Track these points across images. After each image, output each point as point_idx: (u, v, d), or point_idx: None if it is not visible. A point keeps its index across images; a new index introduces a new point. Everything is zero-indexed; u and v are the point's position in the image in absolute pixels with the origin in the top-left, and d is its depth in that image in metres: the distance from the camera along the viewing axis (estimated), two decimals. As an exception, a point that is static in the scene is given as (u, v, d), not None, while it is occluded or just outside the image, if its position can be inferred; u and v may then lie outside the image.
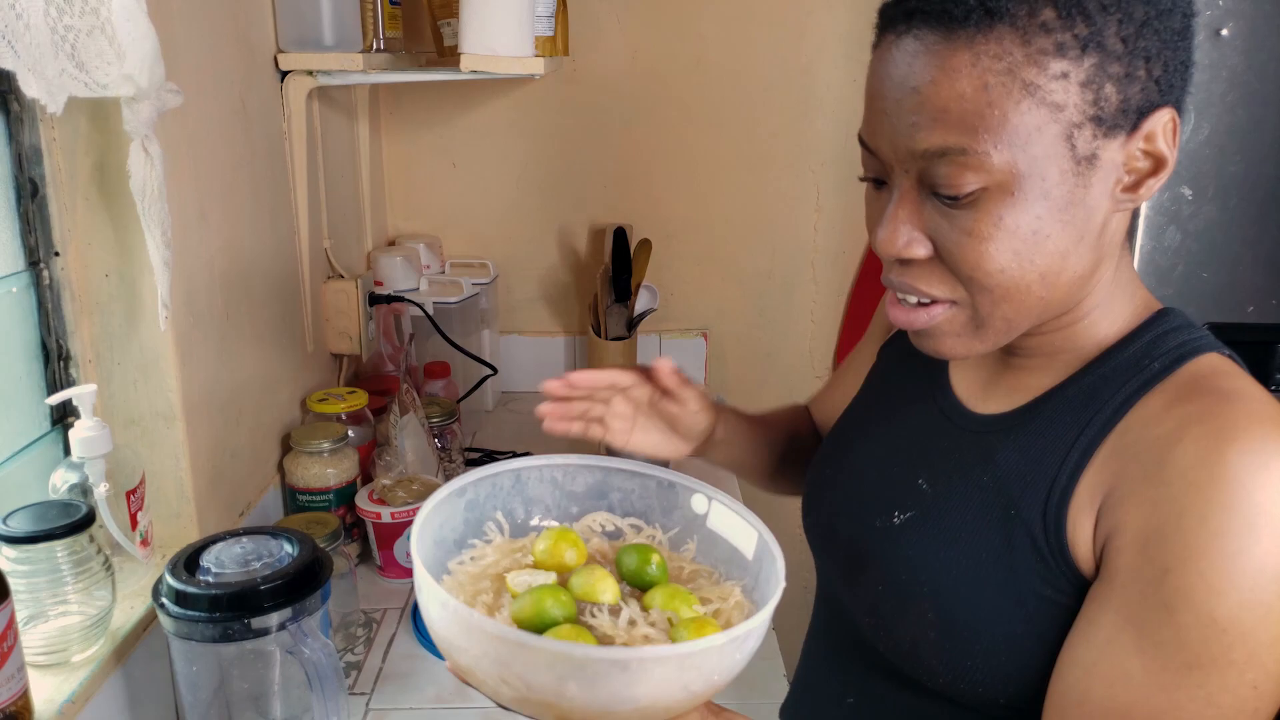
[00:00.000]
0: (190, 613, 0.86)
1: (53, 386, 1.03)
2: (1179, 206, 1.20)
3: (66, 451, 1.02)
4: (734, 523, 0.73)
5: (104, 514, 0.95)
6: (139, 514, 1.02)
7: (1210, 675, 0.58)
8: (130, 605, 1.00)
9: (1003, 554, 0.67)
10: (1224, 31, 1.16)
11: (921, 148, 0.61)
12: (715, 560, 0.75)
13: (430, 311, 1.74)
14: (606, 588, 0.67)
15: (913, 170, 0.63)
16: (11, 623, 0.77)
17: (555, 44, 1.68)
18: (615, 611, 0.65)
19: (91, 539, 0.90)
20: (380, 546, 1.34)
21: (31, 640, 0.87)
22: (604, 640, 0.63)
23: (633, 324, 1.96)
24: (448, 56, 1.66)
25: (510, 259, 2.05)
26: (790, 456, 1.01)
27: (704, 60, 1.90)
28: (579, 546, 0.72)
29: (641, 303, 1.98)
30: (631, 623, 0.64)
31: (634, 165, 1.98)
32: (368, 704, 1.09)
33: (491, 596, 0.67)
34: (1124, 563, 0.61)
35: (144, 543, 1.03)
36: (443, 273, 1.95)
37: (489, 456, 1.74)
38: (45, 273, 1.01)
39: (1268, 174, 1.19)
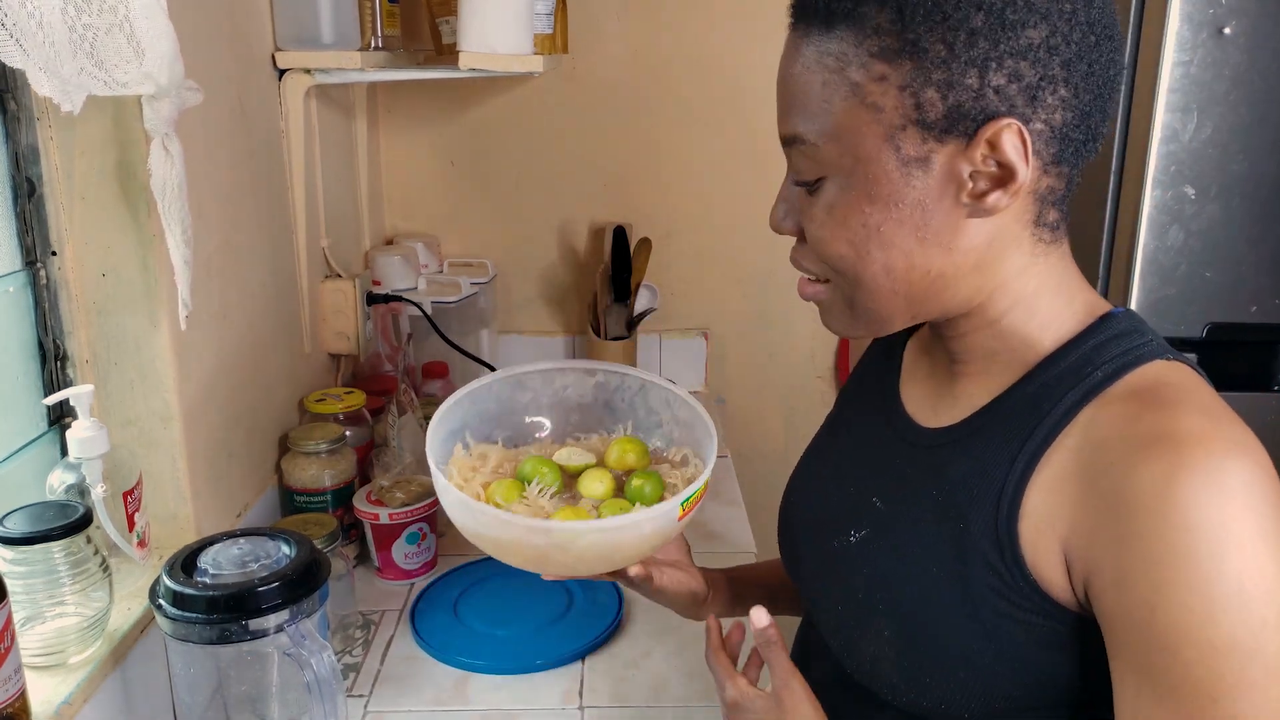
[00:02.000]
0: (187, 614, 0.85)
1: (50, 387, 1.03)
2: (1181, 206, 1.20)
3: (64, 452, 1.02)
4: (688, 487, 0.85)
5: (101, 515, 0.94)
6: (136, 515, 1.01)
7: (1236, 701, 0.57)
8: (127, 606, 0.99)
9: (956, 568, 0.67)
10: (1226, 30, 1.15)
11: (782, 133, 0.68)
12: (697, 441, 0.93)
13: (428, 311, 1.73)
14: (595, 483, 0.89)
15: (787, 152, 0.69)
16: (8, 624, 0.76)
17: (554, 42, 1.68)
18: (571, 498, 0.89)
19: (89, 540, 0.90)
20: (378, 547, 1.34)
21: (29, 641, 0.87)
22: (523, 499, 0.88)
23: (632, 324, 1.95)
24: (446, 54, 1.66)
25: (509, 258, 2.04)
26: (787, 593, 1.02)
27: (704, 58, 1.90)
28: (634, 454, 0.92)
29: (641, 302, 1.97)
30: (538, 495, 0.88)
31: (634, 164, 1.98)
32: (366, 706, 1.09)
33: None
34: (1111, 608, 0.60)
35: (141, 544, 1.03)
36: (441, 272, 1.94)
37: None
38: (42, 272, 1.01)
39: (1270, 173, 1.19)
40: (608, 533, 0.81)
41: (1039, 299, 0.68)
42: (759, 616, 0.77)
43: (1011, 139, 0.61)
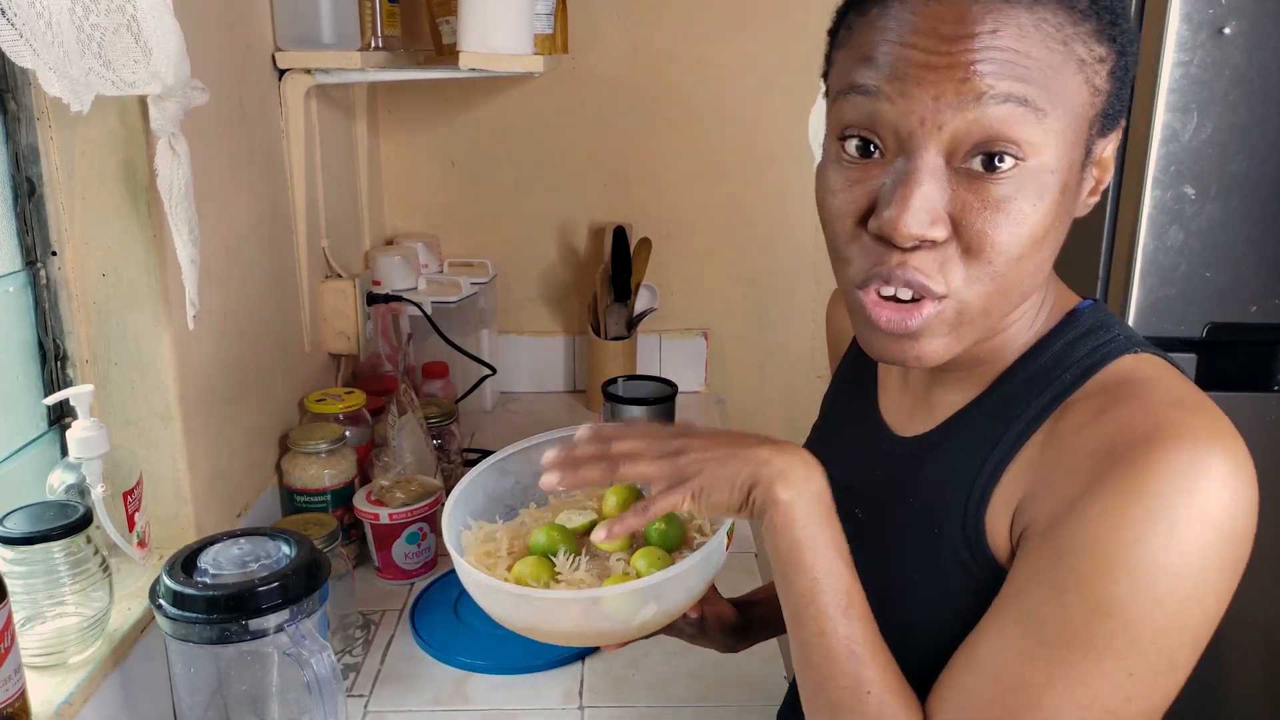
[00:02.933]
0: (188, 614, 0.85)
1: (50, 387, 1.03)
2: (1181, 206, 1.20)
3: (64, 452, 1.02)
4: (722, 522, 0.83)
5: (101, 515, 0.94)
6: (136, 515, 1.01)
7: (1087, 656, 0.57)
8: (127, 606, 0.99)
9: (932, 573, 0.67)
10: (1226, 30, 1.15)
11: (983, 88, 0.55)
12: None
13: (428, 311, 1.73)
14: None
15: (950, 127, 0.57)
16: (8, 624, 0.76)
17: (554, 42, 1.68)
18: (602, 559, 0.84)
19: (89, 540, 0.90)
20: (378, 548, 1.34)
21: (29, 641, 0.87)
22: (556, 575, 0.82)
23: (632, 323, 1.95)
24: (446, 54, 1.66)
25: (509, 258, 2.04)
26: None
27: (704, 58, 1.90)
28: (631, 500, 0.86)
29: (641, 302, 1.97)
30: (574, 567, 0.82)
31: (634, 164, 1.98)
32: (366, 706, 1.09)
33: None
34: (1028, 548, 0.61)
35: (141, 544, 1.03)
36: (441, 272, 1.94)
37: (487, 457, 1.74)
38: (42, 272, 1.01)
39: (1270, 173, 1.19)
40: (682, 577, 0.76)
41: (1032, 305, 0.68)
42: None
43: (1114, 146, 0.62)
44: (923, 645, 0.68)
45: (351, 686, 1.12)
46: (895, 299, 0.61)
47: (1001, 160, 0.57)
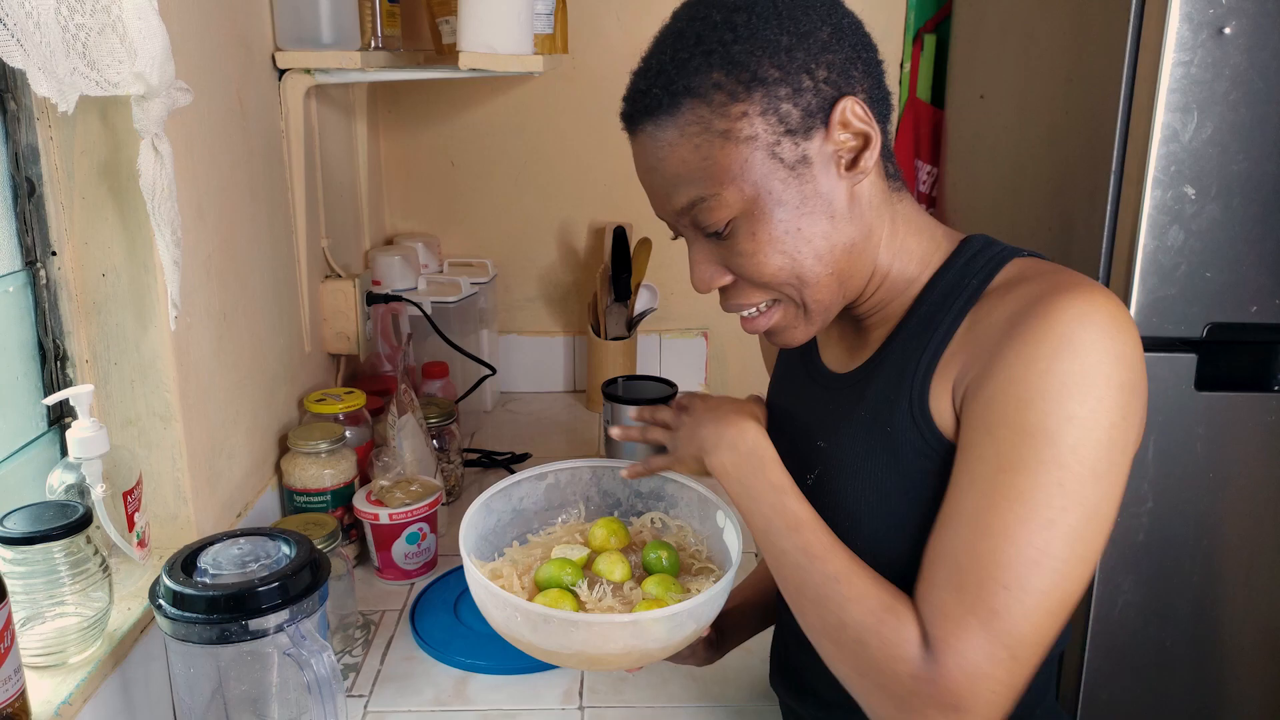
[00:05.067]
0: (187, 614, 0.85)
1: (50, 387, 1.03)
2: (1181, 206, 1.20)
3: (63, 452, 1.02)
4: (733, 541, 0.92)
5: (101, 515, 0.94)
6: (136, 515, 1.01)
7: (1019, 475, 0.67)
8: (127, 607, 0.99)
9: (893, 466, 0.77)
10: (1226, 30, 1.15)
11: (677, 206, 0.77)
12: (722, 558, 0.95)
13: (428, 311, 1.73)
14: (616, 568, 0.91)
15: (686, 224, 0.79)
16: (8, 624, 0.76)
17: (554, 42, 1.68)
18: (616, 588, 0.90)
19: (89, 540, 0.90)
20: (378, 548, 1.34)
21: (28, 642, 0.87)
22: (582, 604, 0.88)
23: (632, 323, 1.95)
24: (446, 54, 1.66)
25: (509, 258, 2.04)
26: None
27: (703, 59, 1.90)
28: (620, 534, 0.96)
29: (641, 302, 1.97)
30: (599, 597, 0.88)
31: (634, 164, 1.98)
32: (366, 706, 1.09)
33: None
34: (965, 416, 0.72)
35: (141, 544, 1.03)
36: (441, 272, 1.94)
37: (487, 457, 1.74)
38: (42, 272, 1.01)
39: (1271, 173, 1.19)
40: (715, 598, 0.85)
41: (909, 242, 0.81)
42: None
43: (856, 110, 0.74)
44: (896, 524, 0.77)
45: (351, 686, 1.12)
46: (748, 316, 0.82)
47: (719, 230, 0.77)
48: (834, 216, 0.76)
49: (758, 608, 1.06)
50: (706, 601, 0.83)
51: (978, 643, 0.67)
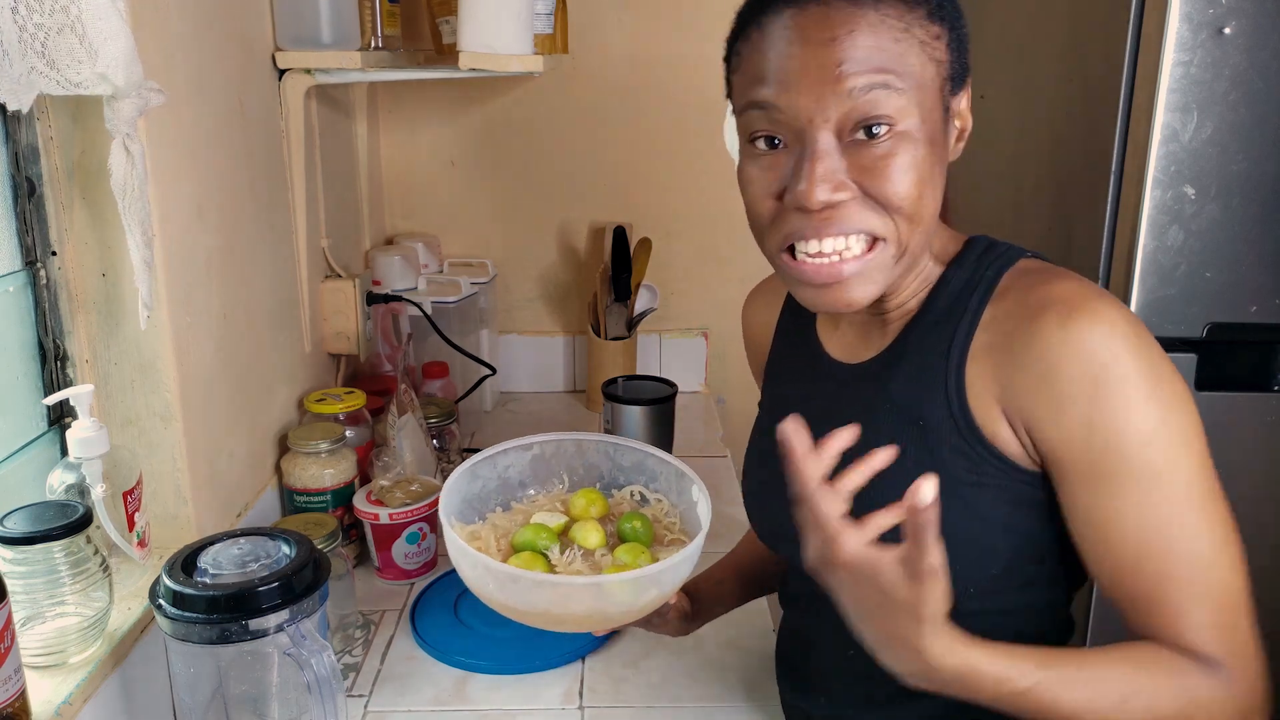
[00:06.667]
0: (187, 614, 0.85)
1: (50, 387, 1.03)
2: (1181, 206, 1.20)
3: (64, 452, 1.02)
4: (705, 513, 0.93)
5: (101, 515, 0.94)
6: (136, 515, 1.01)
7: (1174, 472, 0.70)
8: (127, 606, 0.99)
9: (924, 462, 0.76)
10: (1226, 30, 1.15)
11: (857, 84, 0.70)
12: (693, 529, 0.97)
13: (428, 311, 1.73)
14: (590, 535, 0.94)
15: (836, 116, 0.71)
16: (8, 624, 0.76)
17: (554, 42, 1.68)
18: (588, 554, 0.93)
19: (89, 540, 0.90)
20: (378, 548, 1.34)
21: (29, 641, 0.87)
22: (553, 568, 0.91)
23: (632, 323, 1.95)
24: (446, 54, 1.66)
25: (509, 258, 2.04)
26: (766, 574, 1.11)
27: (704, 58, 1.90)
28: (599, 504, 0.99)
29: (641, 302, 1.97)
30: (569, 560, 0.91)
31: (634, 163, 1.98)
32: (366, 706, 1.09)
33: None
34: (1053, 439, 0.73)
35: (141, 544, 1.03)
36: (441, 272, 1.94)
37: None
38: (42, 272, 1.01)
39: (1270, 173, 1.19)
40: (679, 566, 0.86)
41: (934, 237, 0.82)
42: (927, 490, 0.62)
43: (969, 97, 0.77)
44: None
45: (351, 686, 1.12)
46: (821, 254, 0.75)
47: (878, 128, 0.72)
48: (942, 177, 0.77)
49: (737, 582, 1.07)
50: (669, 567, 0.84)
51: (1255, 632, 0.72)
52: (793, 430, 0.68)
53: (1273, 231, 1.21)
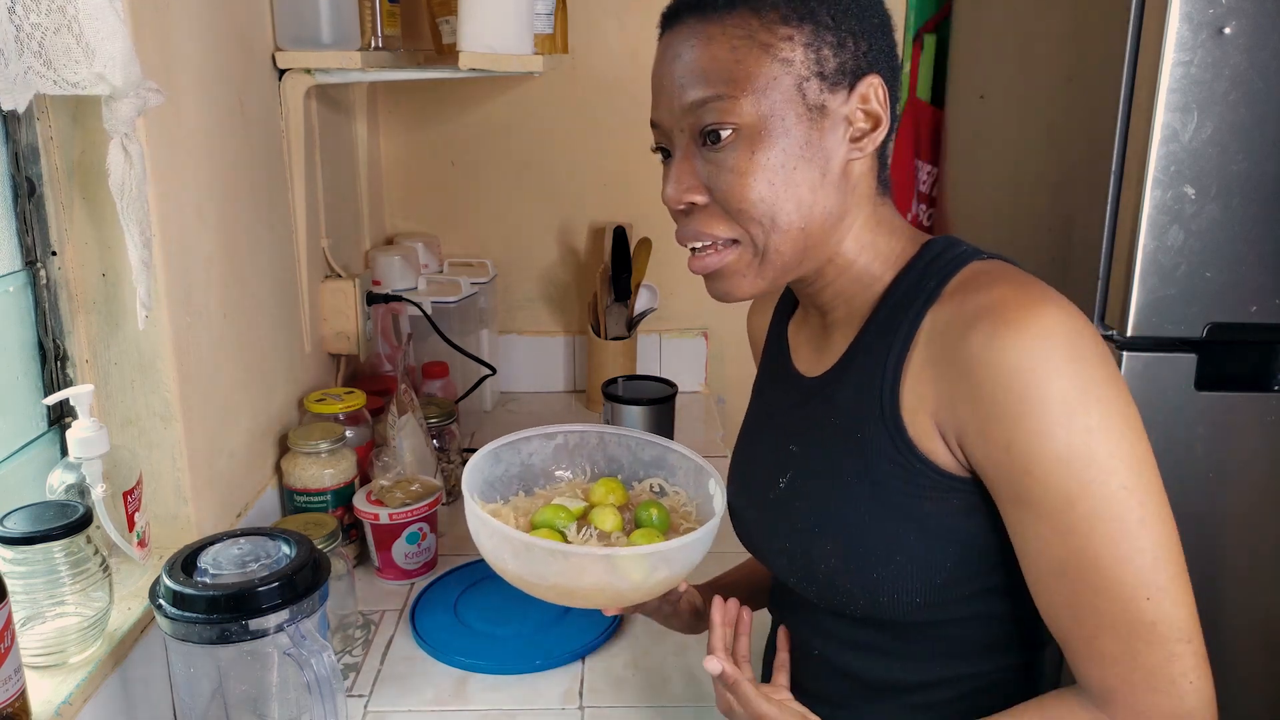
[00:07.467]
0: (187, 614, 0.85)
1: (50, 386, 1.03)
2: (1181, 206, 1.20)
3: (64, 452, 1.02)
4: (720, 506, 0.93)
5: (101, 515, 0.94)
6: (136, 515, 1.01)
7: (1086, 500, 0.68)
8: (128, 606, 0.99)
9: (864, 474, 0.78)
10: (1226, 30, 1.15)
11: (690, 100, 0.76)
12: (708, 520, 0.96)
13: (428, 311, 1.73)
14: (607, 519, 0.95)
15: (686, 127, 0.77)
16: (8, 624, 0.76)
17: (554, 42, 1.68)
18: (603, 535, 0.94)
19: (89, 540, 0.90)
20: (378, 548, 1.34)
21: (29, 641, 0.87)
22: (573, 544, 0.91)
23: (632, 323, 1.95)
24: (446, 54, 1.66)
25: (509, 258, 2.04)
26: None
27: (703, 59, 1.90)
28: (618, 493, 1.00)
29: (641, 302, 1.97)
30: (585, 539, 0.93)
31: (634, 163, 1.98)
32: (366, 706, 1.09)
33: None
34: (981, 456, 0.72)
35: (141, 544, 1.03)
36: (441, 272, 1.94)
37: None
38: (42, 272, 1.01)
39: (1270, 173, 1.19)
40: (691, 546, 0.87)
41: (879, 240, 0.82)
42: (711, 665, 0.82)
43: (877, 92, 0.77)
44: (868, 534, 0.78)
45: (351, 686, 1.12)
46: (697, 252, 0.81)
47: (720, 134, 0.75)
48: (825, 175, 0.77)
49: (748, 587, 1.07)
50: (681, 546, 0.86)
51: (1167, 667, 0.69)
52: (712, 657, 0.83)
53: (1273, 231, 1.21)
